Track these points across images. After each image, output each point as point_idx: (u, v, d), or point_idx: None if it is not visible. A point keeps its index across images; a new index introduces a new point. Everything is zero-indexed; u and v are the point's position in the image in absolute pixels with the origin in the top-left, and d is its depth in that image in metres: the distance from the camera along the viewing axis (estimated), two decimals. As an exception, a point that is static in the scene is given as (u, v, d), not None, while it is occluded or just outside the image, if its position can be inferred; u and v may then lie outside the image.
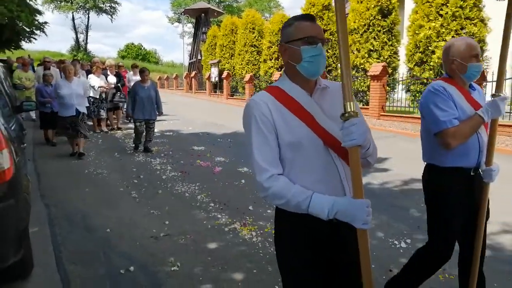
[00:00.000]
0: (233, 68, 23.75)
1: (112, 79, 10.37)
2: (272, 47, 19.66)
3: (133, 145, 7.91)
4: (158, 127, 7.99)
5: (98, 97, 9.65)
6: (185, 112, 14.92)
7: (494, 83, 9.36)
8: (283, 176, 1.51)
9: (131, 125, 10.92)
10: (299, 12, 19.24)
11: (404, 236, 3.78)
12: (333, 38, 16.77)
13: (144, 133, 7.70)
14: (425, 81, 11.32)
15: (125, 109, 10.70)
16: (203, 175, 6.09)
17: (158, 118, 8.08)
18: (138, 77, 10.73)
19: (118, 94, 10.34)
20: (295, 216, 1.52)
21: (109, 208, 4.58)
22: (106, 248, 3.54)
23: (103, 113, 10.05)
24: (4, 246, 2.44)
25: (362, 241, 1.44)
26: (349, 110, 1.38)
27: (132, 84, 10.29)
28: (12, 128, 3.30)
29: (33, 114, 11.24)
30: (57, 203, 4.73)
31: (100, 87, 9.74)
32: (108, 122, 10.74)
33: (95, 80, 9.59)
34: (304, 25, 1.53)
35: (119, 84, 10.42)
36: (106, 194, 5.17)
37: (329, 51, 16.75)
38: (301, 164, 1.52)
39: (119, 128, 10.60)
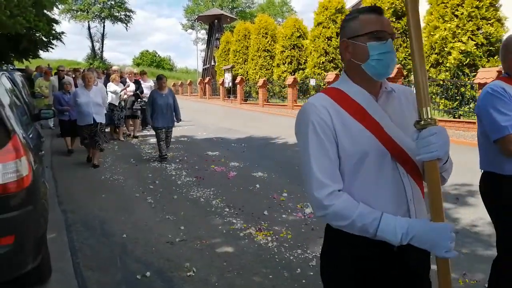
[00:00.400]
0: (247, 73, 23.83)
1: (131, 86, 10.28)
2: (285, 52, 19.68)
3: (157, 154, 7.69)
4: (173, 132, 8.00)
5: (117, 104, 9.57)
6: (199, 117, 15.01)
7: None
8: (345, 193, 1.29)
9: (146, 132, 11.06)
10: (311, 16, 19.21)
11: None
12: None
13: (165, 141, 7.54)
14: (441, 82, 11.13)
15: (141, 117, 10.75)
16: (218, 180, 6.10)
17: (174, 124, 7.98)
18: (148, 83, 10.83)
19: (138, 101, 10.24)
20: (356, 240, 1.30)
21: (125, 214, 4.62)
22: (123, 254, 3.56)
23: (122, 121, 9.99)
24: (23, 252, 2.48)
25: (443, 272, 1.22)
26: (426, 117, 1.19)
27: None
28: (31, 136, 3.36)
29: (50, 122, 11.43)
30: (74, 209, 4.79)
31: (122, 90, 9.73)
32: (125, 129, 10.68)
33: (115, 87, 9.51)
34: (371, 18, 1.33)
35: (138, 92, 10.32)
36: (122, 200, 5.22)
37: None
38: (363, 179, 1.31)
39: (135, 137, 10.39)
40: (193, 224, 4.26)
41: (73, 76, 11.96)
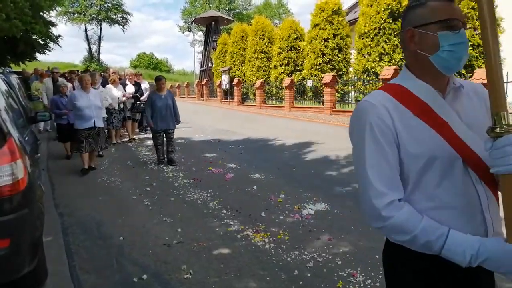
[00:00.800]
0: (244, 74, 23.84)
1: (131, 88, 10.09)
2: (282, 53, 19.70)
3: (155, 157, 7.51)
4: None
5: (117, 107, 9.33)
6: (197, 119, 15.00)
7: (509, 84, 9.19)
8: (407, 203, 1.16)
9: (143, 135, 11.04)
10: (308, 18, 19.24)
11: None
12: (343, 43, 16.76)
13: (163, 144, 7.38)
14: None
15: (138, 120, 10.65)
16: (215, 182, 6.09)
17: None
18: (143, 85, 10.67)
19: (138, 104, 10.05)
20: (419, 256, 1.17)
21: (122, 216, 4.60)
22: (119, 256, 3.54)
23: (120, 124, 9.77)
24: (19, 256, 2.47)
25: None
26: (504, 122, 1.03)
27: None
28: (26, 138, 3.35)
29: (47, 126, 11.37)
30: (70, 212, 4.77)
31: (124, 96, 9.54)
32: (124, 132, 10.52)
33: (115, 92, 9.24)
34: (442, 5, 1.18)
35: (137, 94, 10.13)
36: (119, 202, 5.21)
37: (340, 55, 16.71)
38: (429, 186, 1.17)
39: (133, 139, 10.31)
40: (190, 226, 4.26)
41: (69, 78, 11.88)
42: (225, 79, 25.15)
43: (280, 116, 16.29)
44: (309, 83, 17.24)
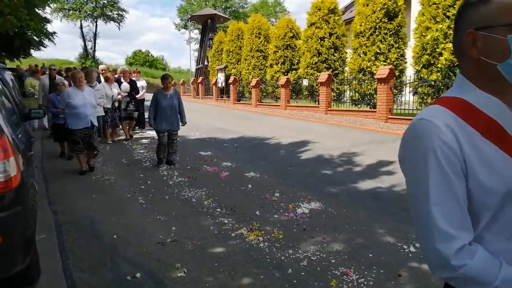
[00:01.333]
0: (240, 73, 23.83)
1: (126, 86, 9.80)
2: (278, 52, 19.71)
3: (155, 157, 7.24)
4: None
5: (110, 106, 9.13)
6: (192, 117, 14.91)
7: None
8: (480, 247, 0.96)
9: (139, 134, 10.99)
10: (304, 16, 19.23)
11: (413, 240, 3.73)
12: (339, 42, 16.79)
13: (166, 144, 7.06)
14: (432, 83, 11.22)
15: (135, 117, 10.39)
16: (210, 180, 6.09)
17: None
18: (140, 83, 10.46)
19: (132, 103, 9.82)
20: None
21: (116, 214, 4.59)
22: (113, 255, 3.53)
23: (114, 123, 9.52)
24: (11, 254, 2.45)
25: None
26: None
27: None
28: (20, 136, 3.33)
29: (42, 122, 11.22)
30: (64, 209, 4.75)
31: (119, 94, 9.36)
32: (121, 132, 10.30)
33: (108, 89, 8.97)
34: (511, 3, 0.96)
35: (133, 92, 9.84)
36: (114, 200, 5.19)
37: (336, 54, 16.74)
38: (506, 225, 0.98)
39: (131, 136, 10.07)
40: (184, 225, 4.25)
41: (65, 75, 11.68)
42: (221, 77, 25.12)
43: (276, 115, 16.30)
44: (305, 82, 17.26)
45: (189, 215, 4.57)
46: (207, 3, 53.28)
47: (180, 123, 7.16)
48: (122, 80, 10.04)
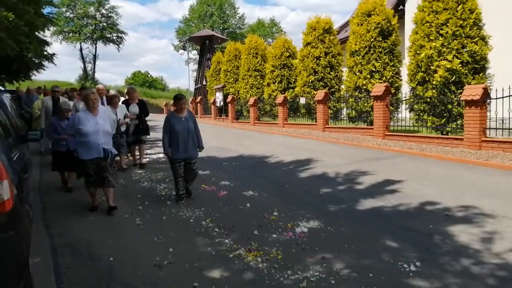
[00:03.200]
0: (238, 92, 23.97)
1: (135, 108, 8.66)
2: (275, 71, 19.89)
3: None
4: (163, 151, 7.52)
5: (115, 131, 7.37)
6: (190, 137, 14.95)
7: (498, 100, 9.30)
8: None
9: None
10: (300, 36, 19.49)
11: (413, 259, 3.67)
12: (335, 61, 16.99)
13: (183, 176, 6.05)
14: (428, 100, 11.29)
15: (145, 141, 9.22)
16: (208, 199, 6.04)
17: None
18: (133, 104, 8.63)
19: (140, 127, 8.66)
20: None
21: (113, 236, 4.53)
22: (109, 278, 3.47)
23: (123, 149, 8.37)
24: (3, 279, 2.40)
25: None
26: None
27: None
28: (14, 158, 3.31)
29: (43, 145, 10.82)
30: (61, 232, 4.69)
31: (126, 117, 8.20)
32: (131, 158, 9.38)
33: (112, 113, 7.46)
34: None
35: (142, 114, 8.69)
36: (110, 221, 5.13)
37: (332, 72, 16.90)
38: None
39: (142, 165, 8.83)
40: (182, 246, 4.19)
41: (67, 96, 10.39)
42: (219, 96, 25.26)
43: (274, 133, 16.32)
44: (302, 100, 17.36)
45: (187, 236, 4.52)
46: (205, 24, 54.09)
47: (198, 149, 6.23)
48: (129, 102, 8.78)
